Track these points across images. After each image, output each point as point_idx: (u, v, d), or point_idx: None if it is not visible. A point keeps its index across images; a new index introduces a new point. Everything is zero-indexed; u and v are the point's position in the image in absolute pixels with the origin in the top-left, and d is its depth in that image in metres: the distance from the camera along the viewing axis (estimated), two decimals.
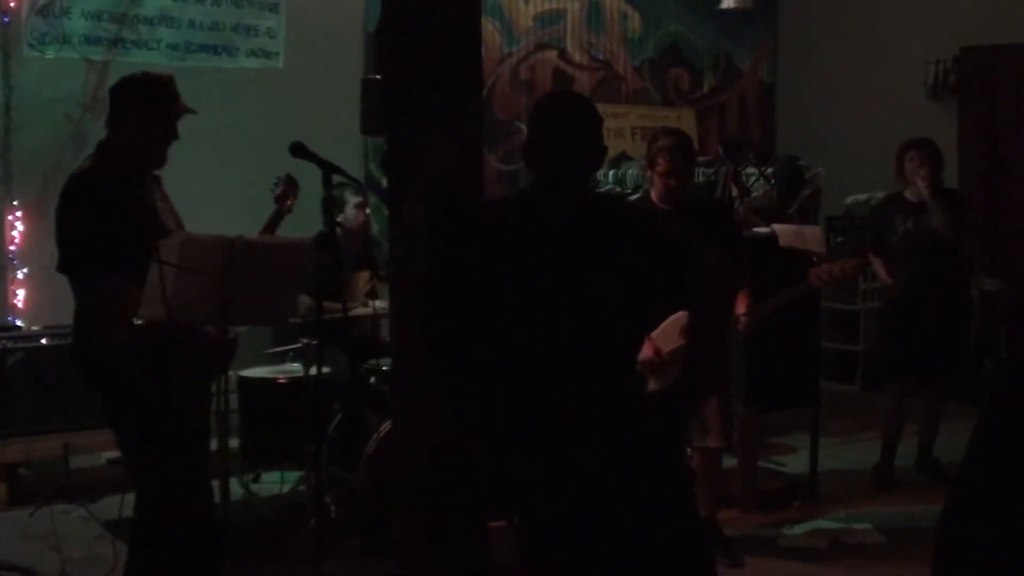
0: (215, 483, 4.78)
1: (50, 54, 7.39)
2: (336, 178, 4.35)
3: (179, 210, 4.58)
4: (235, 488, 6.09)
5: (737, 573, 5.37)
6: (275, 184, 5.18)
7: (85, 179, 4.17)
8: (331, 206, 4.34)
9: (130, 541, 4.43)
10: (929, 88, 9.88)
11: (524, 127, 8.20)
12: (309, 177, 4.65)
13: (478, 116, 3.51)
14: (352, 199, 6.82)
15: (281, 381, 6.14)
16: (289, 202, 5.24)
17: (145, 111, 4.26)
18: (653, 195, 5.30)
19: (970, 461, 3.10)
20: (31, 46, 7.32)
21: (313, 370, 5.18)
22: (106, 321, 4.09)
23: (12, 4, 7.20)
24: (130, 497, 4.50)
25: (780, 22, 11.20)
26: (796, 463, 7.06)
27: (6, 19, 7.21)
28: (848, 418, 8.14)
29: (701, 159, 8.07)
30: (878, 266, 6.82)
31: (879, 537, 5.87)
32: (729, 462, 6.17)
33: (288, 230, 5.39)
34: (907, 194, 6.67)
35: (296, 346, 5.80)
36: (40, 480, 6.68)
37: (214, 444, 4.87)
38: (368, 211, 7.03)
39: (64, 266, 4.15)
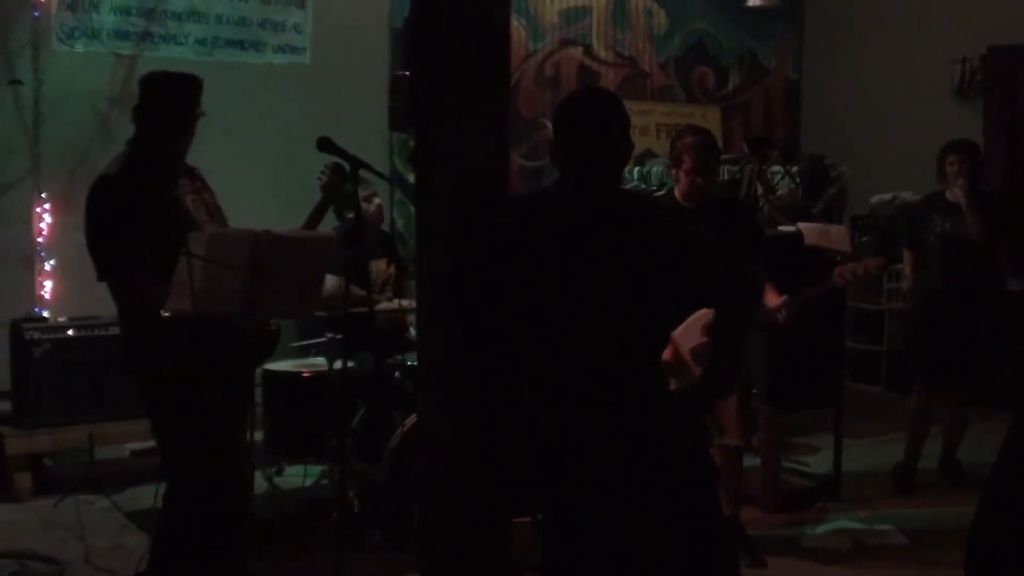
0: None
1: (79, 48, 7.45)
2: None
3: None
4: (259, 481, 6.12)
5: (759, 573, 5.36)
6: (322, 173, 5.10)
7: (106, 184, 4.25)
8: (357, 200, 4.35)
9: (156, 528, 4.47)
10: (955, 87, 9.84)
11: (549, 124, 8.19)
12: None
13: (505, 112, 3.51)
14: (360, 192, 6.79)
15: (305, 375, 6.16)
16: (337, 189, 5.16)
17: (161, 110, 4.33)
18: (677, 193, 5.30)
19: (1000, 466, 3.10)
20: (60, 40, 7.38)
21: (338, 364, 5.20)
22: (142, 316, 4.18)
23: None
24: (154, 488, 4.54)
25: (806, 20, 11.18)
26: (819, 463, 7.05)
27: (36, 13, 7.26)
28: (872, 419, 8.13)
29: (726, 157, 8.06)
30: (908, 262, 6.80)
31: (901, 538, 5.86)
32: (752, 462, 6.17)
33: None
34: (947, 195, 6.63)
35: (321, 340, 5.82)
36: (65, 470, 6.72)
37: None
38: (379, 200, 6.96)
39: (100, 272, 4.24)
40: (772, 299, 5.55)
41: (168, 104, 4.33)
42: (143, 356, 4.29)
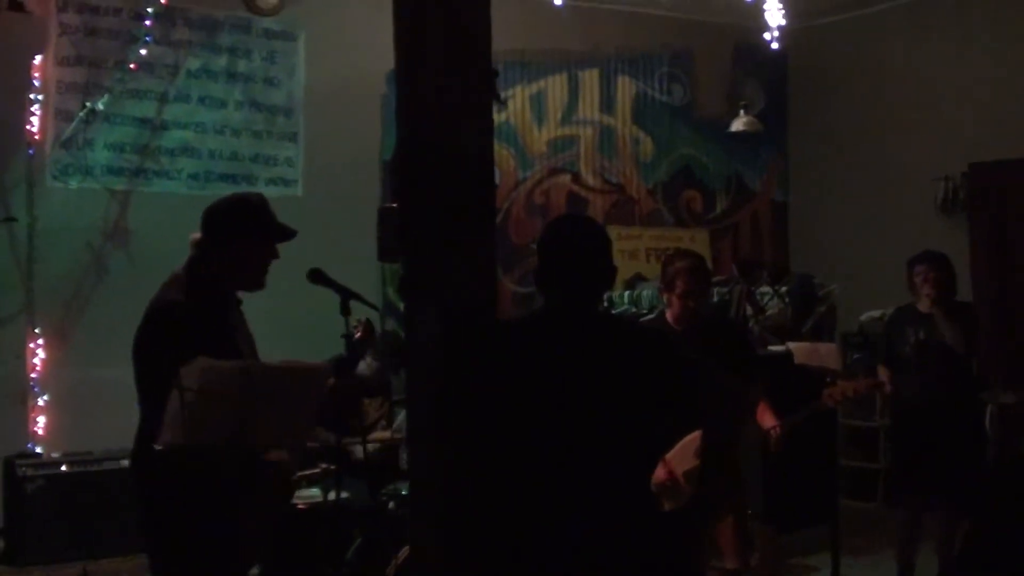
0: None
1: (73, 184, 7.55)
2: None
3: None
4: None
5: None
6: (355, 328, 5.00)
7: (174, 312, 4.12)
8: (349, 331, 4.37)
9: None
10: (939, 204, 9.95)
11: None
12: (327, 303, 4.70)
13: (492, 242, 3.57)
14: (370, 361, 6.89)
15: (300, 507, 6.12)
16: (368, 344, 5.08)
17: (244, 236, 4.28)
18: (668, 316, 5.35)
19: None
20: (54, 177, 7.49)
21: (332, 495, 5.18)
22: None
23: (37, 136, 7.38)
24: None
25: (790, 142, 11.34)
26: None
27: (31, 151, 7.38)
28: (868, 536, 8.08)
29: (716, 279, 8.13)
30: (884, 377, 6.80)
31: None
32: None
33: (307, 355, 5.42)
34: (919, 306, 6.69)
35: (315, 471, 5.81)
36: None
37: None
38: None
39: (145, 396, 4.08)
40: (767, 420, 5.57)
41: (250, 228, 4.27)
42: (153, 488, 4.12)
